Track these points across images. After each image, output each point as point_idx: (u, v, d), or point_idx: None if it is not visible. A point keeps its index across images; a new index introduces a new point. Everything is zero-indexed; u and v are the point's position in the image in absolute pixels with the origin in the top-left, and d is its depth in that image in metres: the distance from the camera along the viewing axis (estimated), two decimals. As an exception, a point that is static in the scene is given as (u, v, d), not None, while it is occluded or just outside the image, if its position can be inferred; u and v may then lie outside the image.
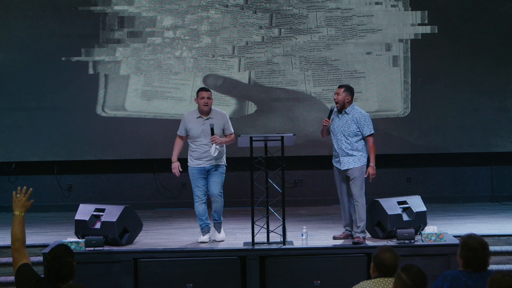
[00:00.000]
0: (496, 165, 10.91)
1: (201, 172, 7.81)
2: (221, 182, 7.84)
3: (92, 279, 7.29)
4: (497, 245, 7.97)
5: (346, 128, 7.64)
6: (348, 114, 7.67)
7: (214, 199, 7.83)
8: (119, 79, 10.52)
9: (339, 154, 7.67)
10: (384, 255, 4.33)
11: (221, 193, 7.85)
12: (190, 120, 7.88)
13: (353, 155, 7.62)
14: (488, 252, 4.37)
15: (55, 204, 10.66)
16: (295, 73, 10.57)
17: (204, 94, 7.83)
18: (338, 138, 7.67)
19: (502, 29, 10.56)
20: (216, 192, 7.80)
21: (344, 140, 7.64)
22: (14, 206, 4.34)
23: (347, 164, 7.63)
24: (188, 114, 8.00)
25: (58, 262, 4.06)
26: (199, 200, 7.84)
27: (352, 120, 7.64)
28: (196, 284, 7.47)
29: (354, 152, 7.63)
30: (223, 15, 10.54)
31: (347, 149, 7.62)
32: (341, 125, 7.66)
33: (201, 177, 7.82)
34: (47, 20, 10.45)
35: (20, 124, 10.48)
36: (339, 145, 7.66)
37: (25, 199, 4.37)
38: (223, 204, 7.92)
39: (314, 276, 7.50)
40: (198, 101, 7.85)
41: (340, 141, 7.66)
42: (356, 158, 7.62)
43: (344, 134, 7.64)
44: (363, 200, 7.64)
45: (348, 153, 7.62)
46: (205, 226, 7.88)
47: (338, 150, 7.67)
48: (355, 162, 7.62)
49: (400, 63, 10.58)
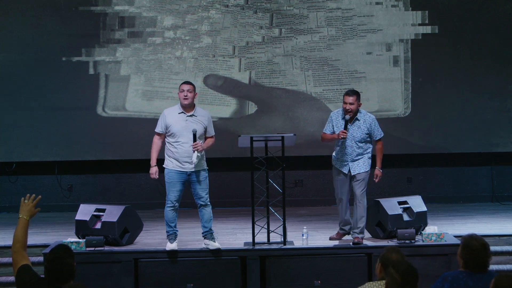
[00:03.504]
0: (496, 165, 10.91)
1: (181, 176, 7.39)
2: (207, 187, 7.48)
3: (92, 279, 7.30)
4: (498, 245, 7.97)
5: (359, 134, 7.60)
6: (360, 120, 7.63)
7: (202, 207, 7.45)
8: (119, 79, 10.52)
9: (347, 160, 7.63)
10: (391, 255, 4.34)
11: (208, 198, 7.49)
12: (171, 115, 7.42)
13: (363, 159, 7.61)
14: (489, 253, 4.37)
15: (56, 204, 10.65)
16: (296, 73, 10.57)
17: (184, 87, 7.38)
18: (348, 145, 7.59)
19: (502, 29, 10.56)
20: (204, 198, 7.42)
21: (356, 147, 7.60)
22: (21, 210, 4.36)
23: (358, 168, 7.60)
24: (168, 109, 7.55)
25: (59, 263, 4.07)
26: (171, 205, 7.41)
27: (365, 126, 7.61)
28: (196, 284, 7.47)
29: (364, 157, 7.63)
30: (223, 15, 10.55)
31: (357, 155, 7.60)
32: (353, 133, 7.60)
33: (179, 182, 7.39)
34: (48, 20, 10.45)
35: (21, 124, 10.48)
36: (348, 152, 7.59)
37: (32, 205, 4.38)
38: (211, 212, 7.51)
39: (315, 276, 7.50)
40: (179, 94, 7.42)
41: (350, 147, 7.59)
42: (366, 162, 7.63)
43: (356, 141, 7.59)
44: (365, 202, 7.64)
45: (358, 158, 7.61)
46: (173, 233, 7.47)
47: (347, 156, 7.61)
48: (366, 166, 7.62)
49: (401, 63, 10.57)
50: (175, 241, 7.51)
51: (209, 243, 7.50)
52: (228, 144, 9.78)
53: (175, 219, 7.50)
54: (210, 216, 7.51)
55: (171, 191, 7.44)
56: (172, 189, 7.43)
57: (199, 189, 7.43)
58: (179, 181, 7.42)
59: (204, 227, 7.51)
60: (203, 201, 7.46)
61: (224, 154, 10.14)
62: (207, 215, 7.48)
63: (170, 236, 7.50)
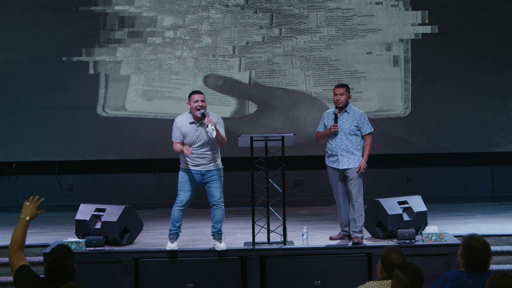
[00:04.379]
0: (496, 165, 10.91)
1: (194, 176, 7.39)
2: (221, 186, 7.47)
3: (92, 279, 7.30)
4: (498, 245, 7.97)
5: (348, 127, 7.64)
6: (349, 113, 7.68)
7: (215, 206, 7.43)
8: (119, 79, 10.52)
9: (337, 154, 7.64)
10: (391, 255, 4.34)
11: (222, 199, 7.48)
12: (184, 126, 7.37)
13: (354, 154, 7.62)
14: (490, 253, 4.37)
15: (56, 204, 10.65)
16: (296, 73, 10.57)
17: (197, 97, 7.27)
18: (338, 137, 7.64)
19: (502, 29, 10.56)
20: (217, 197, 7.41)
21: (345, 139, 7.63)
22: (23, 210, 4.33)
23: (347, 163, 7.62)
24: (179, 118, 7.47)
25: (59, 263, 4.06)
26: (180, 205, 7.42)
27: (353, 119, 7.66)
28: (196, 284, 7.47)
29: (355, 151, 7.63)
30: (223, 15, 10.55)
31: (348, 148, 7.62)
32: (342, 124, 7.66)
33: (192, 182, 7.41)
34: (48, 20, 10.45)
35: (21, 124, 10.48)
36: (338, 144, 7.64)
37: (35, 206, 4.36)
38: (224, 213, 7.48)
39: (315, 276, 7.50)
40: (191, 104, 7.29)
41: (340, 139, 7.64)
42: (356, 158, 7.63)
43: (346, 133, 7.63)
44: (362, 200, 7.64)
45: (348, 151, 7.61)
46: (175, 233, 7.47)
47: (337, 150, 7.64)
48: (355, 162, 7.62)
49: (401, 63, 10.58)
50: (176, 241, 7.50)
51: (215, 244, 7.51)
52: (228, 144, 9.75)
53: (181, 219, 7.51)
54: (221, 218, 7.47)
55: (182, 191, 7.45)
56: (184, 189, 7.45)
57: (213, 188, 7.42)
58: (192, 181, 7.43)
59: (214, 227, 7.51)
60: (215, 201, 7.44)
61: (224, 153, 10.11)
62: (218, 215, 7.46)
63: (172, 235, 7.50)
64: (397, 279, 3.95)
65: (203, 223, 9.08)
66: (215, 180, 7.44)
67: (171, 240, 7.50)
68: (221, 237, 7.53)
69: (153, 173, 10.80)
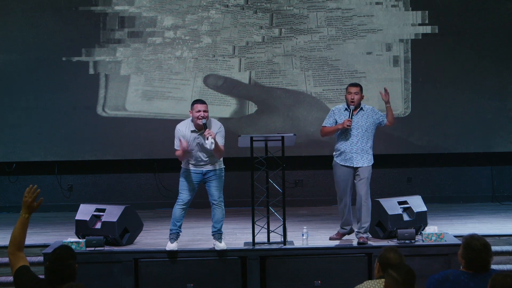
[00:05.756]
0: (496, 165, 10.91)
1: (196, 176, 7.44)
2: (221, 186, 7.50)
3: (92, 279, 7.30)
4: (498, 245, 7.97)
5: (364, 123, 7.63)
6: (364, 110, 7.71)
7: (214, 206, 7.47)
8: (119, 79, 10.52)
9: (351, 152, 7.60)
10: (389, 255, 4.36)
11: (222, 198, 7.50)
12: (185, 132, 7.37)
13: (368, 153, 7.63)
14: (491, 253, 4.36)
15: (56, 204, 10.65)
16: (296, 73, 10.57)
17: (200, 107, 7.27)
18: (353, 134, 7.59)
19: (502, 29, 10.56)
20: (217, 197, 7.44)
21: (361, 136, 7.60)
22: (22, 206, 4.29)
23: (361, 161, 7.59)
24: (181, 125, 7.47)
25: (60, 264, 4.06)
26: (181, 204, 7.46)
27: (368, 115, 7.67)
28: (196, 284, 7.48)
29: (369, 150, 7.64)
30: (223, 15, 10.55)
31: (363, 146, 7.59)
32: (359, 121, 7.62)
33: (194, 182, 7.44)
34: (48, 20, 10.45)
35: (21, 124, 10.48)
36: (354, 142, 7.58)
37: (31, 200, 4.28)
38: (224, 213, 7.52)
39: (315, 276, 7.50)
40: (193, 114, 7.30)
41: (356, 137, 7.59)
42: (370, 157, 7.65)
43: (362, 130, 7.60)
44: (370, 202, 7.62)
45: (363, 150, 7.59)
46: (175, 232, 7.48)
47: (351, 147, 7.59)
48: (369, 161, 7.64)
49: (401, 63, 10.58)
50: (176, 241, 7.50)
51: (215, 243, 7.52)
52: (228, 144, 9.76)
53: (182, 219, 7.52)
54: (221, 217, 7.49)
55: (184, 190, 7.48)
56: (185, 188, 7.47)
57: (212, 187, 7.45)
58: (194, 181, 7.46)
59: (214, 227, 7.53)
60: (215, 200, 7.46)
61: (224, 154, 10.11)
62: (218, 215, 7.48)
63: (172, 235, 7.50)
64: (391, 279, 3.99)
65: (203, 223, 9.08)
66: (215, 179, 7.46)
67: (171, 240, 7.50)
68: (221, 237, 7.55)
69: (153, 173, 10.80)
